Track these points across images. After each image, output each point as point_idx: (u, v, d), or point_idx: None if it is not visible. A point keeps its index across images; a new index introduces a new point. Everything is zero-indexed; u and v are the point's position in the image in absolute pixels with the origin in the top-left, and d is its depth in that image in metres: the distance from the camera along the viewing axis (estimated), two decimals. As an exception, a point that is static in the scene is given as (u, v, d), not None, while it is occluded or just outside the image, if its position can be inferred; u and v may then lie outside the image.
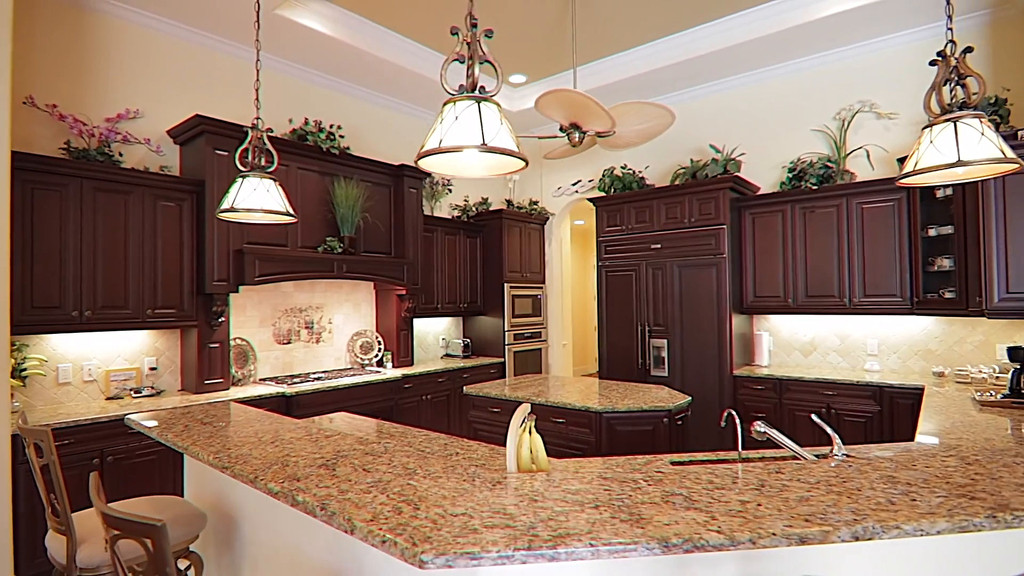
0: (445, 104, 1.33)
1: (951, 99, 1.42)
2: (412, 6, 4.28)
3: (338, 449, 1.83)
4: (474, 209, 6.26)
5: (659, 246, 5.05)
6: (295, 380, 4.40)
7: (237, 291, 3.97)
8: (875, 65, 4.55)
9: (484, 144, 1.19)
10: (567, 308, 7.27)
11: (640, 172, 5.53)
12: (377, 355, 5.30)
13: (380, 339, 5.37)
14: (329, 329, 5.07)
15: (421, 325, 5.94)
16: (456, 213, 6.28)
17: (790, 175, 4.79)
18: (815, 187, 4.52)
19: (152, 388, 3.85)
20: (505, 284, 6.04)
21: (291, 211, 2.09)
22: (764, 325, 5.12)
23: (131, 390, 3.76)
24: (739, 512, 1.25)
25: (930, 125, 1.44)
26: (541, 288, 6.56)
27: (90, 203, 3.38)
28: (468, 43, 1.33)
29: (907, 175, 1.51)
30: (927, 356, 4.31)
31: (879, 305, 4.26)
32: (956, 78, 1.41)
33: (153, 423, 2.40)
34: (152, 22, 3.91)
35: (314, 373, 4.75)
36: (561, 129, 3.84)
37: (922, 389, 3.71)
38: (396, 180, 5.21)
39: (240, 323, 4.43)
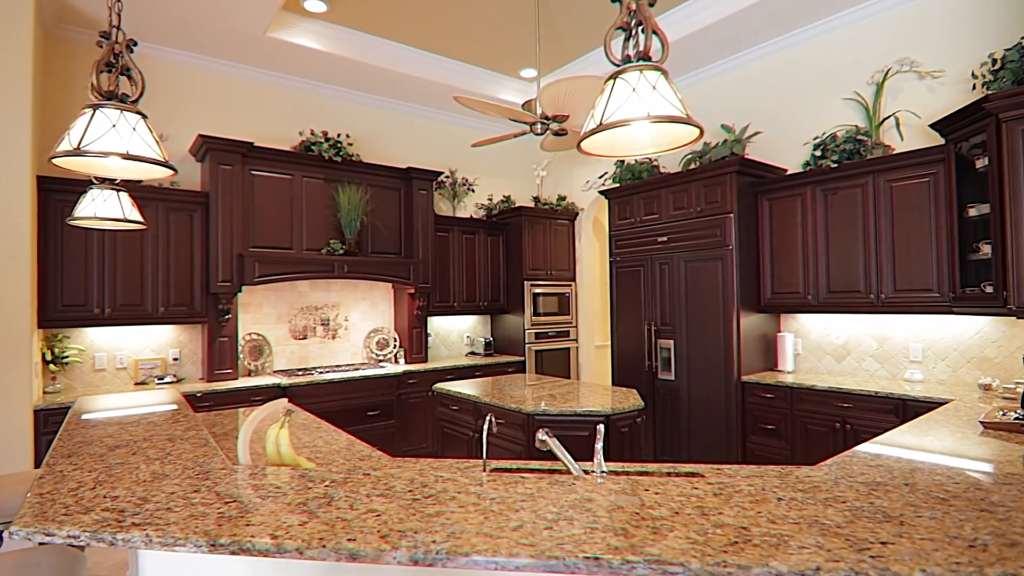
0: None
1: (633, 50, 1.16)
2: (400, 15, 4.42)
3: (151, 435, 1.99)
4: (498, 208, 6.27)
5: (665, 239, 4.67)
6: (298, 373, 4.76)
7: (240, 291, 4.41)
8: (915, 16, 3.80)
9: (77, 149, 1.25)
10: (608, 308, 6.98)
11: (655, 160, 5.16)
12: (392, 351, 5.54)
13: (396, 336, 5.61)
14: (345, 326, 5.41)
15: (444, 323, 6.08)
16: (482, 213, 6.34)
17: (814, 152, 4.17)
18: (835, 164, 3.89)
19: (175, 376, 4.41)
20: (525, 282, 5.97)
21: (133, 218, 2.32)
22: (792, 326, 4.51)
23: (155, 377, 4.34)
24: (345, 520, 1.17)
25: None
26: (570, 286, 6.37)
27: (110, 216, 3.97)
28: (115, 52, 1.39)
29: (580, 141, 1.25)
30: (982, 365, 3.51)
31: (912, 302, 3.56)
32: (635, 25, 1.14)
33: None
34: (171, 55, 4.48)
35: (324, 367, 5.10)
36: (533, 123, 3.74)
37: (950, 403, 3.04)
38: (406, 183, 5.41)
39: (257, 319, 4.90)
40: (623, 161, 5.22)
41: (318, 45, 4.53)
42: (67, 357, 3.99)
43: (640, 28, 1.15)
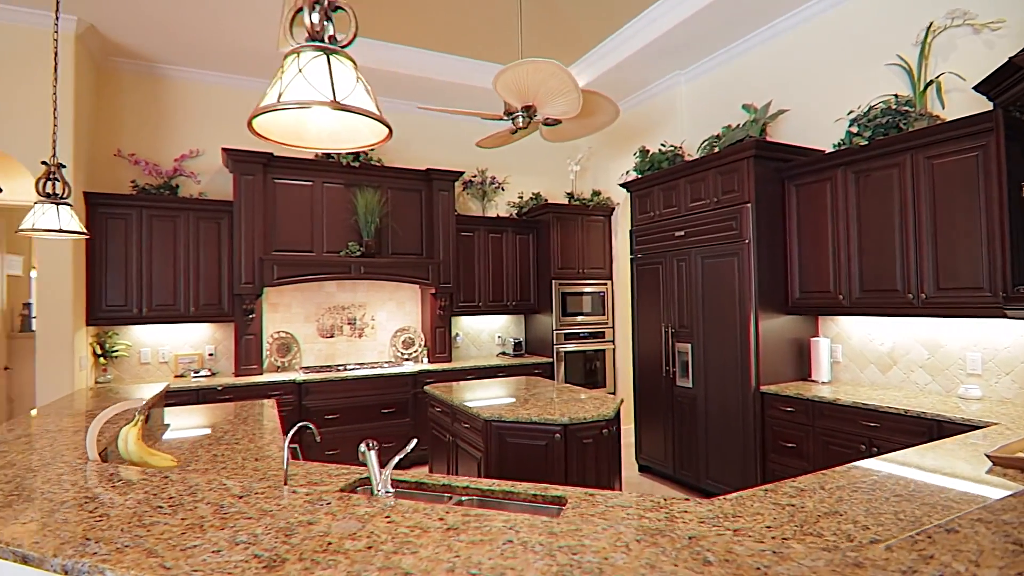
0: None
1: (318, 28, 1.00)
2: (405, 19, 4.47)
3: (63, 428, 2.16)
4: (527, 206, 6.13)
5: (683, 233, 4.28)
6: (318, 370, 4.98)
7: (262, 293, 4.70)
8: (970, -46, 3.14)
9: None
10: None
11: (680, 147, 4.74)
12: (417, 350, 5.62)
13: (422, 336, 5.68)
14: (372, 325, 5.58)
15: (473, 323, 6.07)
16: (514, 211, 6.25)
17: (850, 129, 3.59)
18: (866, 143, 3.32)
19: (210, 370, 4.81)
20: (553, 281, 5.78)
21: (69, 229, 2.52)
22: (831, 330, 3.93)
23: (192, 371, 4.77)
24: (66, 523, 1.17)
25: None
26: (606, 285, 6.07)
27: (148, 227, 4.42)
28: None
29: (248, 124, 1.08)
30: (1056, 381, 2.81)
31: (958, 303, 2.94)
32: (319, 4, 0.99)
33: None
34: (200, 76, 4.88)
35: (349, 364, 5.30)
36: (508, 113, 3.62)
37: (990, 427, 2.46)
38: (426, 184, 5.46)
39: (287, 319, 5.21)
40: (646, 150, 4.86)
41: (330, 55, 4.70)
42: (116, 351, 4.50)
43: (324, 7, 1.02)
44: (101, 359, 4.42)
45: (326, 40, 1.03)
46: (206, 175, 4.93)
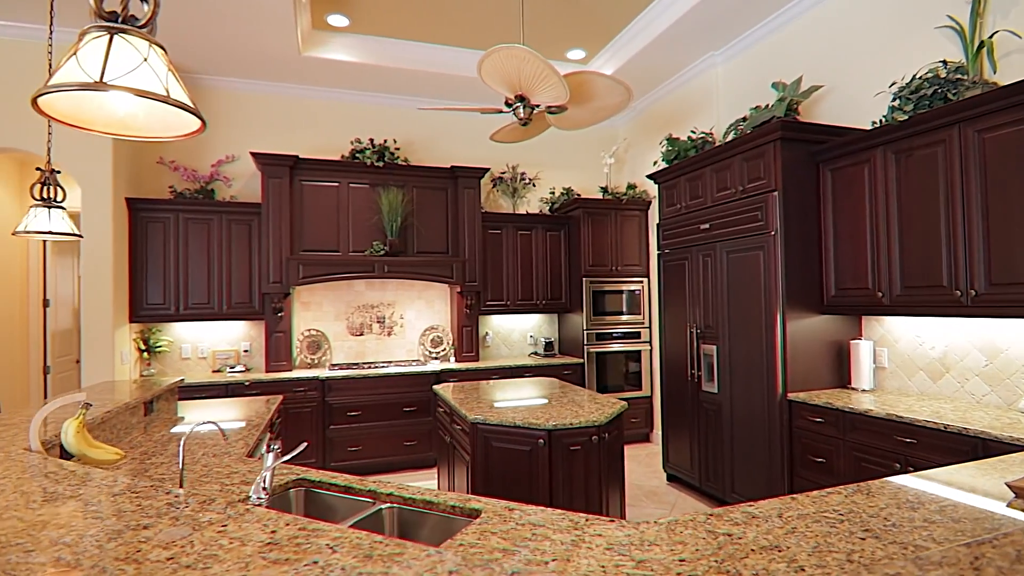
0: None
1: (109, 8, 0.92)
2: (422, 17, 4.46)
3: (25, 422, 2.28)
4: (559, 201, 5.96)
5: (708, 226, 3.97)
6: (343, 367, 5.08)
7: (289, 292, 4.86)
8: None
9: None
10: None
11: (710, 132, 4.40)
12: (445, 349, 5.61)
13: (451, 335, 5.66)
14: (401, 323, 5.62)
15: (504, 322, 5.98)
16: (545, 208, 6.09)
17: (892, 104, 3.16)
18: (906, 117, 2.90)
19: (245, 366, 5.03)
20: (584, 279, 5.57)
21: (58, 230, 2.65)
22: (876, 331, 3.49)
23: (228, 366, 5.01)
24: (-65, 517, 1.20)
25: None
26: (642, 283, 5.78)
27: (184, 229, 4.69)
28: None
29: (33, 102, 0.99)
30: None
31: (1014, 301, 2.49)
32: None
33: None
34: (231, 84, 5.11)
35: (376, 362, 5.36)
36: (508, 104, 3.50)
37: (1039, 452, 2.06)
38: (452, 182, 5.43)
39: (318, 317, 5.36)
40: (674, 139, 4.55)
41: (351, 57, 4.78)
42: (159, 347, 4.80)
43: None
44: (144, 354, 4.73)
45: (124, 20, 0.97)
46: (241, 179, 5.16)
